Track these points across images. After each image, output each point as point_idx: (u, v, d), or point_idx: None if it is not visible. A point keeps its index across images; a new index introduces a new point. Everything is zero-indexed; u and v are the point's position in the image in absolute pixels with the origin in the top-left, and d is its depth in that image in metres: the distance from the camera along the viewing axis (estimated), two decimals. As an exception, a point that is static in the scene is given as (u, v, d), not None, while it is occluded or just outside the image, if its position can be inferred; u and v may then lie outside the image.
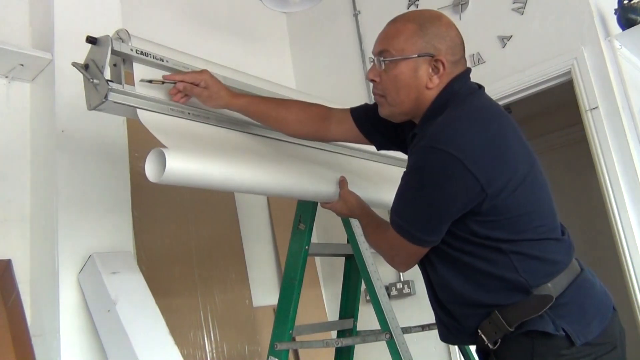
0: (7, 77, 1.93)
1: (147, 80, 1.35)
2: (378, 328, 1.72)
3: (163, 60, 1.40)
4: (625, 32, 2.16)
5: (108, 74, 1.29)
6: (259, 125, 1.59)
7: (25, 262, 1.84)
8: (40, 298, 1.77)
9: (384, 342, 1.66)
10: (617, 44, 2.20)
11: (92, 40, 1.30)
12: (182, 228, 2.42)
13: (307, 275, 1.83)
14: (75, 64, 1.30)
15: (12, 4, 2.03)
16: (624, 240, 2.09)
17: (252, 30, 3.21)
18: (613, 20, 2.23)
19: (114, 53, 1.30)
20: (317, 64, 3.30)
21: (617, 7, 2.18)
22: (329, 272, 3.05)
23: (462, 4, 2.63)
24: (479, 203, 1.06)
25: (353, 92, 2.99)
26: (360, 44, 3.05)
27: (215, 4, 3.04)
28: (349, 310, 2.05)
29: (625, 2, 2.14)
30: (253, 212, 2.84)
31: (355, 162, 1.91)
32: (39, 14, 2.00)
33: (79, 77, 1.31)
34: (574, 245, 1.19)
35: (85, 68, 1.30)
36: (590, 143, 2.20)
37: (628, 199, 2.10)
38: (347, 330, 2.04)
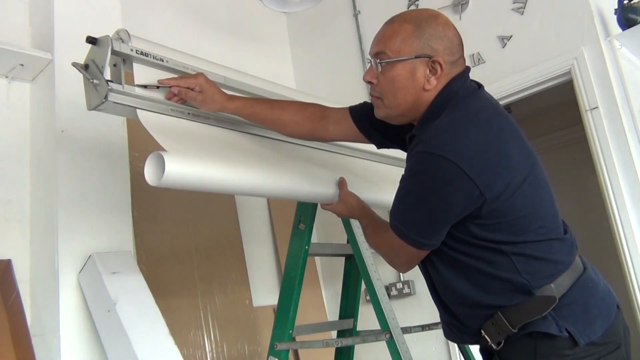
0: (7, 77, 1.93)
1: (142, 86, 1.35)
2: (378, 328, 1.72)
3: (163, 61, 1.40)
4: (625, 32, 2.16)
5: (108, 74, 1.29)
6: (259, 126, 1.59)
7: (25, 262, 1.84)
8: (40, 298, 1.77)
9: (384, 342, 1.66)
10: (617, 44, 2.19)
11: (92, 41, 1.30)
12: (182, 228, 2.42)
13: (307, 275, 1.83)
14: (75, 64, 1.30)
15: (12, 4, 2.03)
16: (624, 240, 2.09)
17: (252, 30, 3.20)
18: (613, 20, 2.23)
19: (114, 53, 1.30)
20: (317, 64, 3.30)
21: (617, 7, 2.18)
22: (329, 272, 3.05)
23: (462, 4, 2.63)
24: (478, 207, 1.06)
25: (353, 92, 2.98)
26: (360, 44, 3.05)
27: (215, 4, 3.04)
28: (349, 310, 2.06)
29: (625, 2, 2.14)
30: (253, 212, 2.84)
31: (355, 162, 1.91)
32: (39, 14, 2.00)
33: (79, 77, 1.31)
34: (577, 243, 1.18)
35: (85, 68, 1.30)
36: (590, 143, 2.19)
37: (628, 199, 2.10)
38: (347, 330, 2.04)
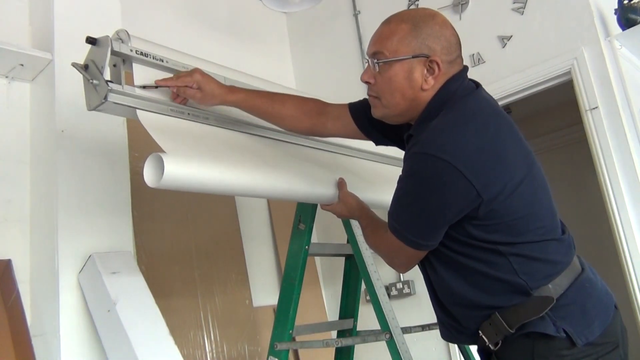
0: (7, 77, 1.92)
1: (141, 86, 1.35)
2: (378, 328, 1.72)
3: (163, 61, 1.40)
4: (625, 32, 2.16)
5: (108, 75, 1.29)
6: (258, 126, 1.59)
7: (25, 262, 1.83)
8: (40, 298, 1.77)
9: (384, 342, 1.66)
10: (617, 44, 2.19)
11: (91, 41, 1.29)
12: (182, 228, 2.42)
13: (307, 275, 1.83)
14: (75, 65, 1.30)
15: (12, 4, 2.03)
16: (624, 240, 2.09)
17: (252, 30, 3.20)
18: (613, 20, 2.23)
19: (114, 54, 1.30)
20: (317, 64, 3.29)
21: (617, 7, 2.18)
22: (329, 272, 3.05)
23: (462, 4, 2.63)
24: (475, 208, 1.06)
25: (353, 92, 2.93)
26: (360, 44, 3.04)
27: (215, 4, 3.04)
28: (349, 310, 2.06)
29: (625, 2, 2.14)
30: (253, 212, 2.84)
31: (355, 162, 1.91)
32: (39, 14, 1.99)
33: (79, 77, 1.31)
34: (575, 244, 1.18)
35: (85, 69, 1.29)
36: (590, 143, 2.19)
37: (628, 199, 2.10)
38: (347, 330, 2.04)
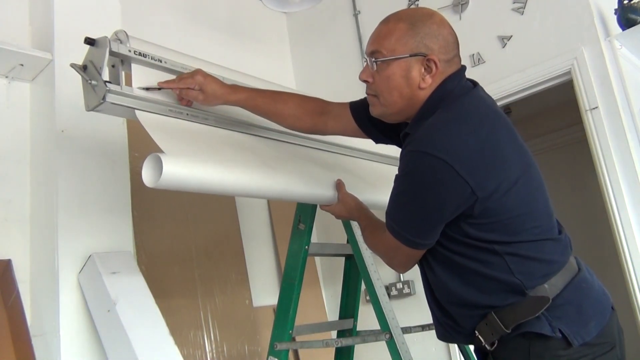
0: (7, 77, 1.93)
1: (144, 88, 1.35)
2: (378, 328, 1.72)
3: (161, 62, 1.40)
4: (625, 32, 2.15)
5: (106, 75, 1.29)
6: (258, 126, 1.59)
7: (25, 262, 1.84)
8: (40, 298, 1.77)
9: (384, 342, 1.66)
10: (617, 44, 2.19)
11: (90, 42, 1.29)
12: (182, 228, 2.42)
13: (307, 275, 1.83)
14: (74, 65, 1.30)
15: (12, 4, 2.03)
16: (624, 240, 2.08)
17: (252, 31, 3.20)
18: (613, 20, 2.23)
19: (112, 54, 1.30)
20: (317, 64, 3.29)
21: (617, 7, 2.18)
22: (329, 272, 3.05)
23: (462, 4, 2.63)
24: (471, 206, 1.06)
25: (353, 92, 2.94)
26: (360, 44, 3.04)
27: (215, 4, 3.04)
28: (349, 310, 2.06)
29: (625, 2, 2.14)
30: (253, 212, 2.84)
31: (354, 162, 1.91)
32: (39, 14, 2.00)
33: (79, 77, 1.31)
34: (572, 244, 1.19)
35: (84, 69, 1.30)
36: (590, 143, 2.19)
37: (628, 199, 2.09)
38: (347, 330, 2.04)
